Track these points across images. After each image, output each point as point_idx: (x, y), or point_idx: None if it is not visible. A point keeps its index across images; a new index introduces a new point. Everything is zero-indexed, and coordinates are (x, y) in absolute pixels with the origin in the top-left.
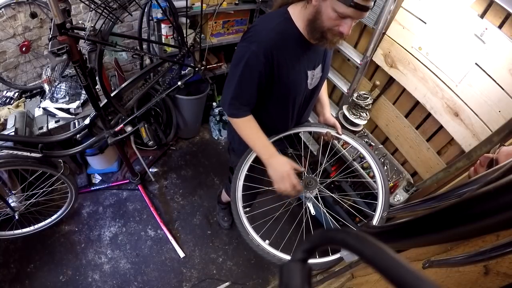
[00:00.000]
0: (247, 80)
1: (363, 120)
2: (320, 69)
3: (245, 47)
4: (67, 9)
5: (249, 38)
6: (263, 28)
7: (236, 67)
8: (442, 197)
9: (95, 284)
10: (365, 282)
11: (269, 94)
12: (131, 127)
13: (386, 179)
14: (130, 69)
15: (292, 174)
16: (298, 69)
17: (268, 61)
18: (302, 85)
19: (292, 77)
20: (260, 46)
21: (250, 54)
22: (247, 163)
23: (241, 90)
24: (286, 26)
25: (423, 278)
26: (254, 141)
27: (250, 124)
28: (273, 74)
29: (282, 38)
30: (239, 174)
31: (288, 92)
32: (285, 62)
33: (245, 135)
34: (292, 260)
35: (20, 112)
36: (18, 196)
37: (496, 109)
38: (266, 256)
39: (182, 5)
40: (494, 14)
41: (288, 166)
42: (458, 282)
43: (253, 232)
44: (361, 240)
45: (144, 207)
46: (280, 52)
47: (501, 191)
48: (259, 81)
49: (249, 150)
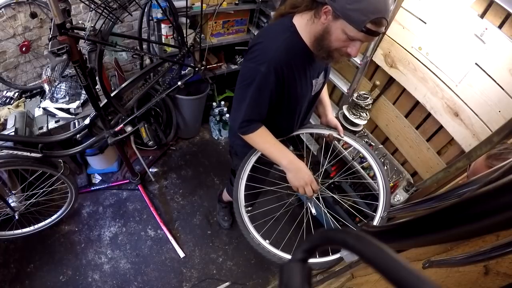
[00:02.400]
0: (258, 101)
1: (363, 120)
2: (323, 76)
3: (254, 68)
4: (67, 9)
5: (257, 58)
6: (271, 46)
7: (246, 89)
8: (442, 197)
9: (95, 284)
10: (365, 282)
11: (278, 107)
12: (131, 127)
13: (387, 179)
14: (130, 69)
15: (313, 178)
16: (305, 81)
17: (279, 80)
18: (308, 94)
19: (300, 89)
20: (270, 66)
21: (261, 76)
22: (250, 163)
23: (252, 111)
24: (293, 41)
25: (423, 278)
26: (272, 149)
27: (263, 135)
28: (283, 91)
29: (290, 54)
30: (242, 175)
31: (295, 102)
32: (293, 77)
33: (260, 147)
34: (292, 260)
35: (20, 112)
36: (18, 196)
37: (496, 109)
38: (266, 255)
39: (182, 5)
40: (494, 14)
41: (310, 172)
42: (458, 282)
43: (254, 231)
44: (361, 240)
45: (144, 207)
46: (289, 68)
47: (501, 191)
48: (270, 100)
49: (252, 151)
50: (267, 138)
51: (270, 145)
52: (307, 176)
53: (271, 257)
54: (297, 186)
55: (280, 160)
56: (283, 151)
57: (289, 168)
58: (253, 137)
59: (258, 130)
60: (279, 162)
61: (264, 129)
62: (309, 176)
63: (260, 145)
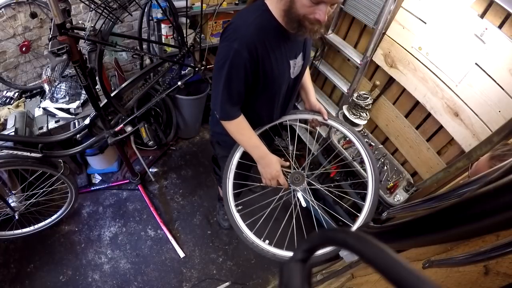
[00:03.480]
0: (234, 80)
1: (363, 120)
2: (301, 58)
3: (227, 46)
4: (67, 9)
5: (229, 36)
6: (242, 24)
7: (221, 69)
8: (442, 197)
9: (95, 284)
10: (365, 282)
11: (254, 87)
12: (131, 127)
13: (376, 165)
14: (130, 69)
15: (280, 174)
16: (281, 60)
17: (252, 57)
18: (286, 75)
19: (276, 68)
20: (242, 42)
21: (233, 53)
22: (235, 160)
23: (229, 91)
24: (265, 18)
25: (423, 278)
26: (247, 142)
27: (242, 125)
28: (258, 69)
29: (263, 31)
30: (228, 173)
31: (273, 83)
32: (268, 54)
33: (238, 137)
34: (292, 260)
35: (20, 112)
36: (18, 196)
37: (496, 109)
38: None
39: (182, 5)
40: (494, 14)
41: (278, 167)
42: (458, 282)
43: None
44: (361, 240)
45: (144, 207)
46: (263, 45)
47: (501, 191)
48: (246, 78)
49: (235, 147)
50: (244, 130)
51: (245, 138)
52: (275, 172)
53: (264, 254)
54: (265, 178)
55: (252, 153)
56: (256, 145)
57: (259, 162)
58: (231, 126)
59: (237, 120)
60: (252, 155)
61: (242, 119)
62: (276, 172)
63: (236, 135)
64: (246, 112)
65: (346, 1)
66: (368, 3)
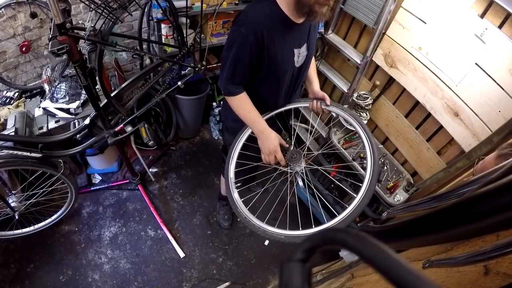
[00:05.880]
0: (239, 60)
1: (363, 120)
2: (306, 48)
3: (236, 30)
4: (67, 9)
5: (239, 21)
6: (251, 11)
7: (229, 50)
8: (442, 197)
9: (95, 284)
10: (365, 282)
11: (259, 72)
12: (131, 127)
13: (377, 151)
14: (130, 69)
15: (278, 149)
16: (285, 47)
17: (258, 41)
18: (290, 62)
19: (280, 54)
20: (249, 27)
21: (241, 36)
22: (241, 142)
23: (235, 70)
24: (272, 8)
25: (423, 278)
26: (247, 116)
27: (244, 100)
28: (262, 53)
29: (269, 19)
30: (233, 152)
31: (277, 68)
32: (273, 41)
33: (239, 111)
34: (292, 260)
35: (20, 112)
36: (18, 196)
37: (496, 109)
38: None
39: (182, 5)
40: (494, 14)
41: (276, 142)
42: (458, 282)
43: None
44: (361, 240)
45: (144, 207)
46: (268, 32)
47: (501, 191)
48: (250, 60)
49: (242, 130)
50: (245, 105)
51: (246, 112)
52: (272, 146)
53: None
54: (264, 154)
55: (252, 126)
56: (256, 119)
57: (259, 136)
58: (235, 100)
59: (239, 95)
60: (252, 129)
61: (244, 95)
62: (274, 147)
63: (237, 109)
64: (253, 96)
65: (346, 1)
66: (368, 3)
